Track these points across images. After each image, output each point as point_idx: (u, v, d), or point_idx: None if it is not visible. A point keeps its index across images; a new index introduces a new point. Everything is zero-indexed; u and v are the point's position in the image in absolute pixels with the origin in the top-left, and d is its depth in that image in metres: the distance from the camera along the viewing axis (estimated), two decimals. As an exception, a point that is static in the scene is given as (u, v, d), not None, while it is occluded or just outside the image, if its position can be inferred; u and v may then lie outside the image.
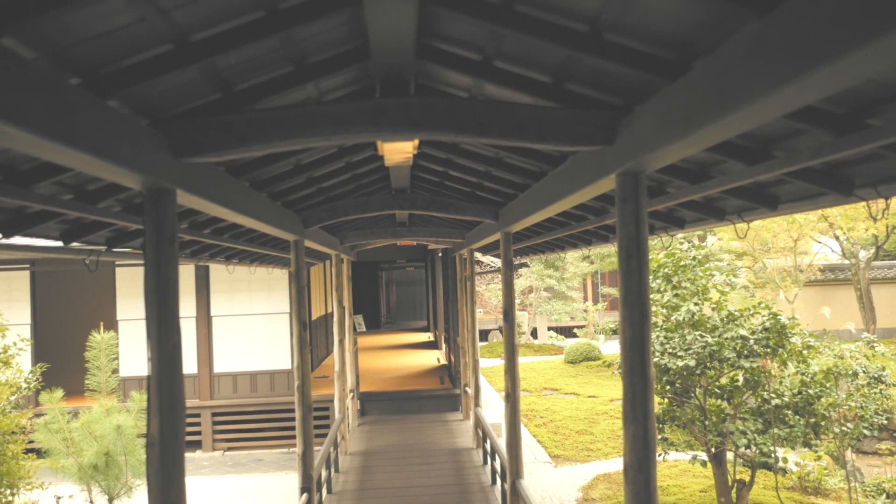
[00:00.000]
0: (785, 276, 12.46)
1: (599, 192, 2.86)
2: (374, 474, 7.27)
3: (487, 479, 6.85)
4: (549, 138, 2.38)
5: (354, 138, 2.43)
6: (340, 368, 8.28)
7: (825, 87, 1.27)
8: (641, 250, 2.35)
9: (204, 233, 4.59)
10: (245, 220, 3.64)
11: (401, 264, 23.92)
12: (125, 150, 2.05)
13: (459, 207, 5.33)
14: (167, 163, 2.36)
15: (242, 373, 11.14)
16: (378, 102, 2.38)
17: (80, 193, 2.96)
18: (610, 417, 12.02)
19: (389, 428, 9.47)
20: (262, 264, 8.32)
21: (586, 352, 18.88)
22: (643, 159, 2.20)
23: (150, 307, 2.38)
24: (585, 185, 2.80)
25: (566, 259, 22.44)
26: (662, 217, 4.35)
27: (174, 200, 2.42)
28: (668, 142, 1.93)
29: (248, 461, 10.44)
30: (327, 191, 5.03)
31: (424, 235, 8.56)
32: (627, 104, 2.35)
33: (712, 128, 1.64)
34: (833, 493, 7.51)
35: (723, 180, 2.73)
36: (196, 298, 11.23)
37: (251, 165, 3.50)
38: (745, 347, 6.51)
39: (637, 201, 2.35)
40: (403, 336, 20.36)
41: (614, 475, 8.89)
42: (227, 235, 5.30)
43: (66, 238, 3.50)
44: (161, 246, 2.35)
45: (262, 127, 2.40)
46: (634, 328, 2.33)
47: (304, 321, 5.18)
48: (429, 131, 2.41)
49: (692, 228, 4.10)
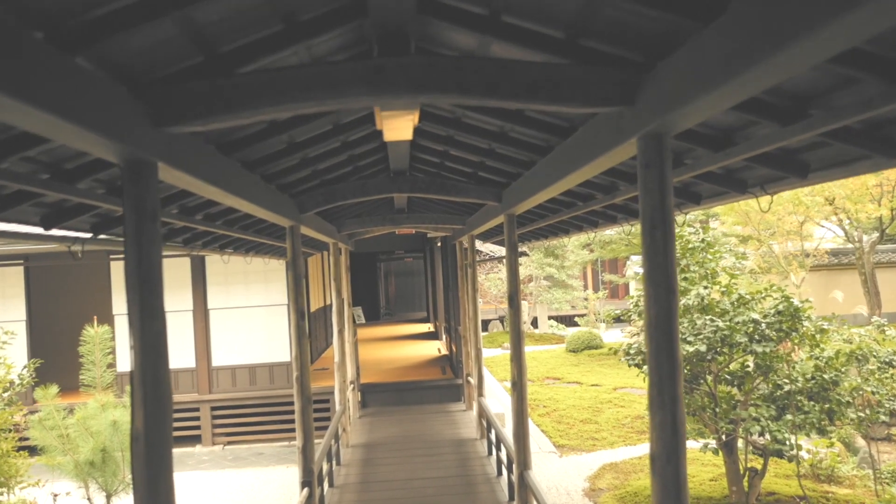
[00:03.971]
0: (791, 259, 12.27)
1: (617, 160, 2.66)
2: (377, 466, 7.10)
3: (493, 470, 6.68)
4: (563, 99, 2.17)
5: (351, 102, 2.23)
6: (340, 359, 8.09)
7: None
8: (667, 221, 2.15)
9: (196, 218, 4.38)
10: (237, 202, 3.44)
11: (399, 255, 23.72)
12: (98, 116, 1.85)
13: (461, 189, 5.12)
14: (147, 132, 2.16)
15: (241, 366, 10.96)
16: (376, 62, 2.18)
17: (58, 172, 2.76)
18: (614, 406, 11.86)
19: (391, 419, 9.30)
20: (259, 254, 8.12)
21: (588, 340, 18.72)
22: (669, 118, 2.00)
23: (131, 292, 2.19)
24: (601, 153, 2.60)
25: (566, 247, 22.26)
26: (677, 192, 4.11)
27: (155, 174, 2.21)
28: (701, 93, 1.73)
29: (248, 455, 10.28)
30: (324, 174, 4.82)
31: (423, 222, 8.36)
32: (649, 60, 2.14)
33: (760, 69, 1.44)
34: (846, 480, 7.35)
35: (751, 145, 2.53)
36: (192, 291, 11.03)
37: (242, 142, 3.29)
38: (757, 332, 6.32)
39: (661, 167, 2.15)
40: (403, 327, 20.19)
41: (621, 464, 8.73)
42: (221, 222, 5.09)
43: (46, 223, 3.29)
44: (142, 225, 2.15)
45: (251, 92, 2.19)
46: (660, 306, 2.13)
47: (302, 310, 4.98)
48: (432, 93, 2.21)
49: (709, 204, 3.84)
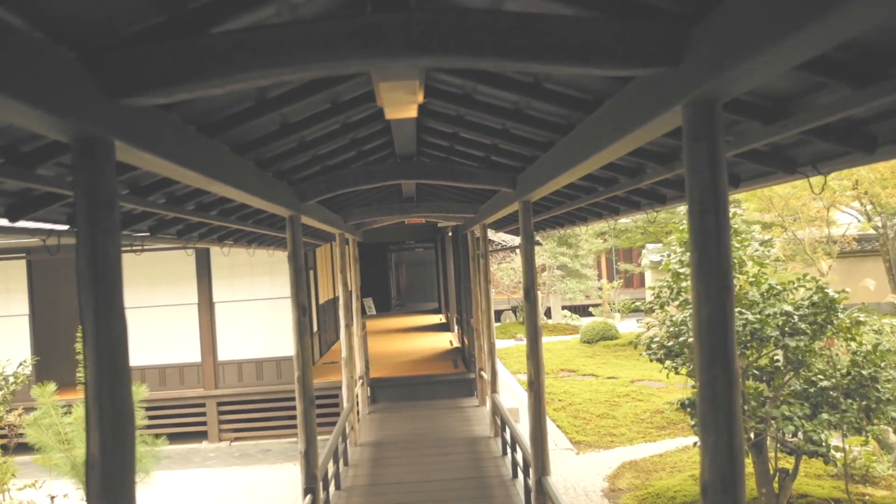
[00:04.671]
0: (816, 247, 11.79)
1: (652, 135, 2.29)
2: (387, 467, 6.80)
3: (508, 472, 6.36)
4: (596, 59, 1.81)
5: (340, 66, 1.88)
6: (348, 355, 7.79)
7: None
8: (720, 204, 1.78)
9: (187, 208, 4.06)
10: (223, 189, 3.10)
11: (410, 245, 23.39)
12: (38, 86, 1.53)
13: (472, 174, 4.76)
14: (101, 105, 1.82)
15: (247, 360, 10.70)
16: (370, 19, 1.83)
17: (14, 156, 2.44)
18: (632, 400, 11.50)
19: (401, 415, 9.00)
20: (261, 245, 7.81)
21: (603, 331, 18.34)
22: (722, 80, 1.64)
23: (84, 291, 1.85)
24: (634, 127, 2.23)
25: (580, 236, 21.82)
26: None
27: (111, 155, 1.88)
28: (764, 45, 1.38)
29: (255, 452, 10.03)
30: (325, 159, 4.47)
31: (433, 211, 8.00)
32: (697, 11, 1.77)
33: (842, 10, 1.08)
34: (882, 480, 6.96)
35: (810, 116, 2.15)
36: (197, 284, 10.76)
37: (228, 122, 2.94)
38: (789, 325, 5.93)
39: (713, 139, 1.78)
40: (414, 318, 19.90)
41: (641, 462, 8.38)
42: (216, 212, 4.77)
43: (11, 214, 2.98)
44: (95, 213, 1.81)
45: (222, 55, 1.85)
46: (713, 305, 1.77)
47: (304, 305, 4.66)
48: (436, 55, 1.85)
49: (750, 186, 3.38)
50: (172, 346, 10.64)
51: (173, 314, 10.68)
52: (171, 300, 10.68)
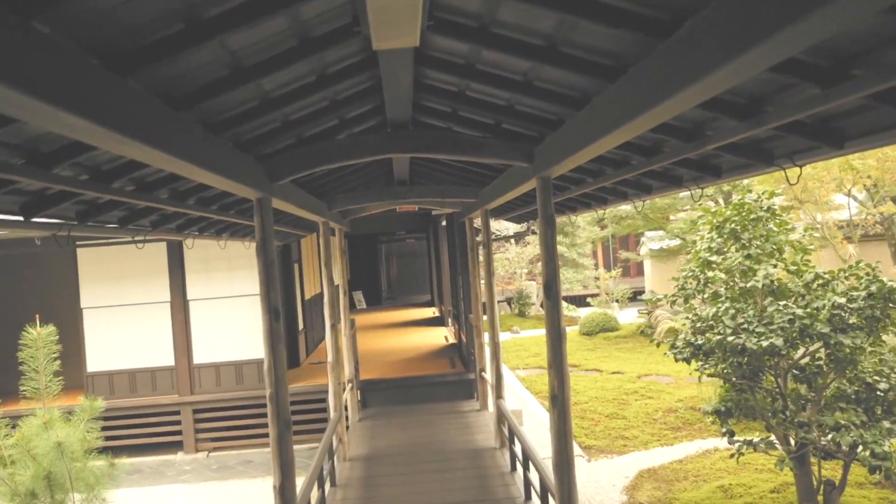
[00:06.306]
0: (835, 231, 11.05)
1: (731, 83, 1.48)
2: (379, 487, 5.97)
3: (519, 492, 5.54)
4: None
5: None
6: (334, 358, 6.94)
7: None
8: None
9: (115, 187, 3.18)
10: (166, 162, 2.23)
11: (400, 236, 22.52)
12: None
13: (479, 145, 3.90)
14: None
15: (226, 363, 9.81)
16: None
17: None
18: (641, 397, 10.73)
19: (395, 422, 8.17)
20: (233, 237, 6.93)
21: (603, 322, 17.62)
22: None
23: None
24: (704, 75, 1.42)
25: (577, 224, 21.05)
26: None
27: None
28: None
29: (235, 463, 9.18)
30: (298, 125, 3.57)
31: (428, 196, 7.16)
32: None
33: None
34: (936, 490, 6.23)
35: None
36: (169, 280, 9.85)
37: (146, 52, 2.07)
38: (840, 319, 5.17)
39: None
40: (406, 312, 19.06)
41: (660, 471, 7.62)
42: (166, 195, 3.90)
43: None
44: None
45: None
46: None
47: (276, 308, 3.82)
48: None
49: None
50: (143, 348, 9.74)
51: (143, 313, 9.77)
52: (140, 298, 9.76)
